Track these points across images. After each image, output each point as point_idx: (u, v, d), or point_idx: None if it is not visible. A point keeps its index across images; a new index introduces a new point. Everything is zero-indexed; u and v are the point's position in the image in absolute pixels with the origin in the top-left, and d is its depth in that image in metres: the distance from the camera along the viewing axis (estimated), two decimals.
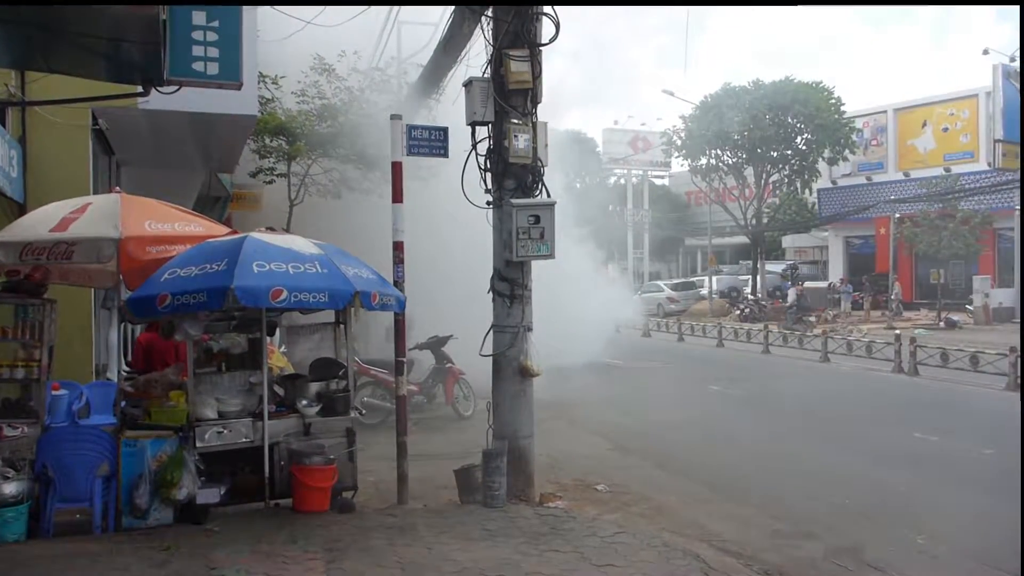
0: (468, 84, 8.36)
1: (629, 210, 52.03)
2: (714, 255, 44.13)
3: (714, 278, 42.12)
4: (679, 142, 40.49)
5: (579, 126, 53.23)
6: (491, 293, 8.57)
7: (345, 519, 7.70)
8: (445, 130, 8.73)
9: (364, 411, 8.67)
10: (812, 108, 35.89)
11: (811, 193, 41.82)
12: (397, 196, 8.58)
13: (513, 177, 8.32)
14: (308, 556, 6.52)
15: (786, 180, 39.40)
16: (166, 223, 7.69)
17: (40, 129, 10.54)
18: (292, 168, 17.40)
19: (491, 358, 8.63)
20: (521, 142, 8.18)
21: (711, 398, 15.72)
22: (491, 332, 8.63)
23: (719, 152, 38.92)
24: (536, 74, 8.30)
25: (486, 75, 8.40)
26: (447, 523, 7.50)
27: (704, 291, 41.72)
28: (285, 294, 6.94)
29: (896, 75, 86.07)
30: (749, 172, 39.11)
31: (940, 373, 17.64)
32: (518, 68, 8.17)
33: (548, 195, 8.58)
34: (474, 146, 8.46)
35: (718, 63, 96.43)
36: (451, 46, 12.94)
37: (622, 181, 54.83)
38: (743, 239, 44.68)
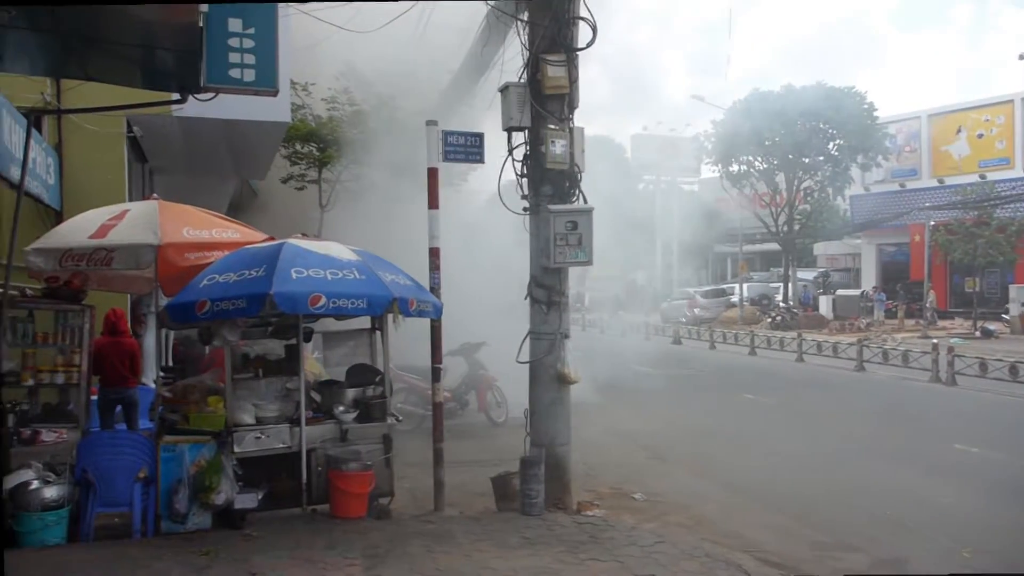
0: (504, 89, 8.32)
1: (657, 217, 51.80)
2: (745, 262, 43.74)
3: (744, 285, 41.74)
4: (709, 147, 40.19)
5: (607, 132, 52.79)
6: (528, 299, 8.52)
7: (382, 525, 7.67)
8: (481, 135, 8.69)
9: (400, 418, 8.60)
10: (845, 114, 35.47)
11: (843, 200, 41.34)
12: (433, 202, 8.55)
13: (550, 183, 8.27)
14: (347, 563, 6.49)
15: (817, 187, 38.95)
16: (203, 229, 7.74)
17: (76, 137, 10.68)
18: (323, 174, 17.50)
19: (527, 365, 8.57)
20: (558, 147, 8.13)
21: (746, 407, 15.54)
22: (527, 339, 8.58)
23: (750, 158, 38.58)
24: (573, 79, 8.26)
25: (522, 80, 8.36)
26: (485, 530, 7.45)
27: (735, 298, 41.34)
28: (323, 300, 6.93)
29: (930, 80, 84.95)
30: (780, 178, 38.73)
31: (978, 383, 17.31)
32: (555, 73, 8.13)
33: (585, 201, 8.52)
34: (510, 152, 8.42)
35: (748, 69, 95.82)
36: (482, 52, 12.94)
37: (651, 188, 54.58)
38: (773, 246, 44.27)
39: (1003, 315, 31.40)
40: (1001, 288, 34.06)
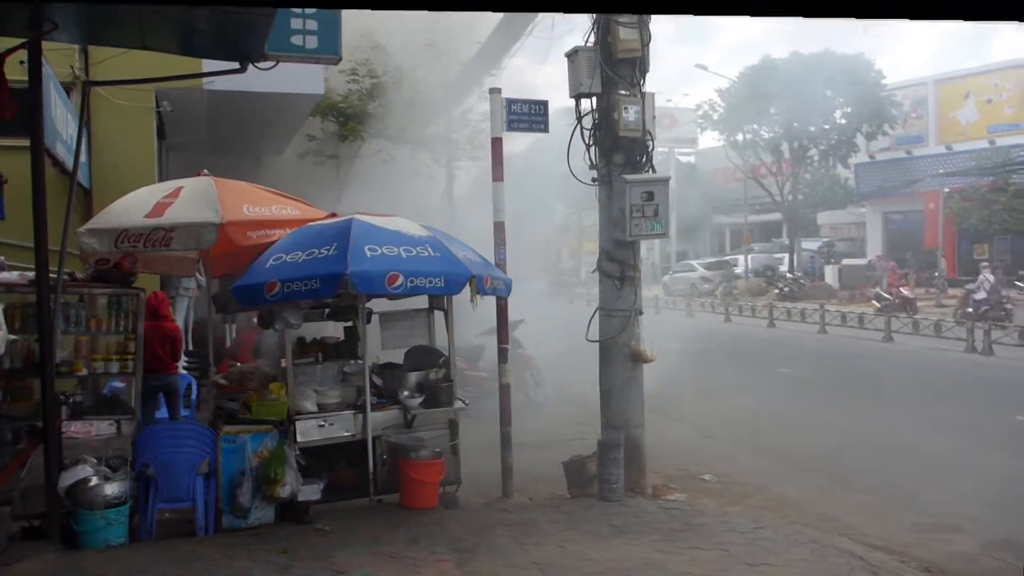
0: (573, 54, 7.85)
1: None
2: (749, 233, 43.33)
3: (748, 256, 41.33)
4: (715, 116, 39.56)
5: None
6: (598, 274, 8.14)
7: (458, 516, 7.32)
8: (545, 103, 8.26)
9: (467, 402, 8.21)
10: (853, 81, 34.94)
11: (845, 168, 40.87)
12: (498, 174, 8.12)
13: (622, 152, 7.84)
14: (436, 558, 6.13)
15: (821, 155, 38.51)
16: (263, 206, 7.29)
17: (105, 112, 10.10)
18: (341, 150, 16.99)
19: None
20: (631, 114, 7.70)
21: (785, 381, 15.17)
22: (596, 316, 8.20)
23: (756, 127, 38.04)
24: (645, 41, 7.81)
25: (589, 43, 7.89)
26: (568, 519, 7.09)
27: (738, 270, 40.95)
28: (400, 279, 6.53)
29: (936, 45, 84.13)
30: (785, 147, 38.23)
31: (1017, 352, 16.99)
32: (627, 35, 7.68)
33: (654, 170, 8.12)
34: (579, 120, 7.97)
35: (747, 37, 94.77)
36: (515, 18, 12.44)
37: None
38: (773, 216, 43.82)
39: (1016, 282, 31.01)
40: (1012, 254, 33.68)
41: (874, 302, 25.42)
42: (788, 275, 37.67)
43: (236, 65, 6.79)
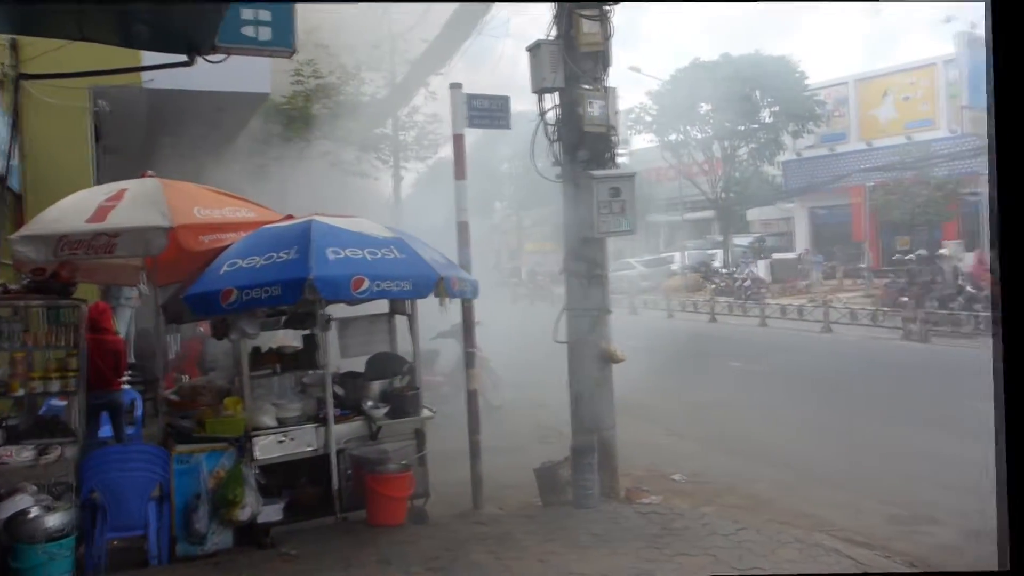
0: (535, 47, 7.62)
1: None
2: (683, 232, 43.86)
3: (684, 253, 41.82)
4: (648, 119, 39.96)
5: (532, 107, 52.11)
6: (565, 273, 7.92)
7: (429, 531, 7.00)
8: (507, 99, 8.02)
9: (435, 410, 7.89)
10: (779, 82, 35.70)
11: (773, 166, 41.68)
12: (460, 172, 7.82)
13: (588, 147, 7.62)
14: None
15: (750, 154, 39.23)
16: (215, 209, 6.86)
17: (36, 112, 9.48)
18: (284, 152, 16.43)
19: (557, 345, 8.01)
20: (596, 109, 7.50)
21: (738, 376, 15.13)
22: (563, 316, 7.97)
23: (687, 128, 38.57)
24: (607, 35, 7.63)
25: (550, 37, 7.67)
26: (545, 529, 6.85)
27: (675, 266, 41.43)
28: (367, 284, 6.19)
29: (853, 45, 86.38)
30: (716, 147, 38.86)
31: (952, 340, 17.33)
32: (590, 28, 7.49)
33: (617, 166, 7.94)
34: (542, 115, 7.75)
35: (669, 39, 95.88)
36: (464, 15, 12.17)
37: None
38: (705, 214, 44.44)
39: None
40: (931, 245, 34.65)
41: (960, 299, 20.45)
42: (723, 270, 38.22)
43: (183, 58, 6.34)
